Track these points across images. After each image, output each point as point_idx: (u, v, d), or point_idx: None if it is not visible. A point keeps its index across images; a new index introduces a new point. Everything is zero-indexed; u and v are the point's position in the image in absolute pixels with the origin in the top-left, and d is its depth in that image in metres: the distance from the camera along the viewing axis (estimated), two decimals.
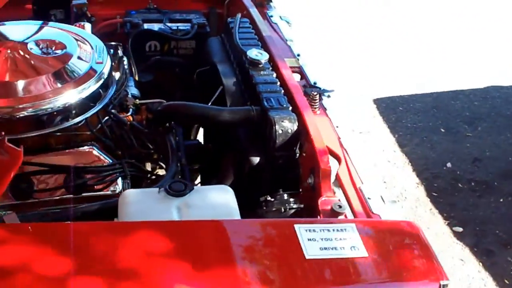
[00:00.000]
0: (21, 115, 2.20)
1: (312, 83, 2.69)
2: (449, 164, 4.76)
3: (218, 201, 2.01)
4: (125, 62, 2.85)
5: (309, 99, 2.50)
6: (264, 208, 2.19)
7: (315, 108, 2.50)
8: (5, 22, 2.70)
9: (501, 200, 4.43)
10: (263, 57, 2.60)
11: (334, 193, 2.15)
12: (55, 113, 2.25)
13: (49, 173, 2.22)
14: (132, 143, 2.42)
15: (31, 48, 2.40)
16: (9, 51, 2.37)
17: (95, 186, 2.23)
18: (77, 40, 2.52)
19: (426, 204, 4.29)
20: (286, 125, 2.28)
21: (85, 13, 3.08)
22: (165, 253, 1.63)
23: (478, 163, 4.78)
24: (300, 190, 2.26)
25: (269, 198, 2.20)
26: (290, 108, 2.37)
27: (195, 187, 2.03)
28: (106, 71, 2.44)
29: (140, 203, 1.99)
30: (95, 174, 2.23)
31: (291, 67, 2.77)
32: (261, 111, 2.36)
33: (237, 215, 1.96)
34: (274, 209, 2.17)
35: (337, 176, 2.24)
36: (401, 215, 2.02)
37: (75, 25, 2.88)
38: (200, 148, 2.68)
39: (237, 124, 2.45)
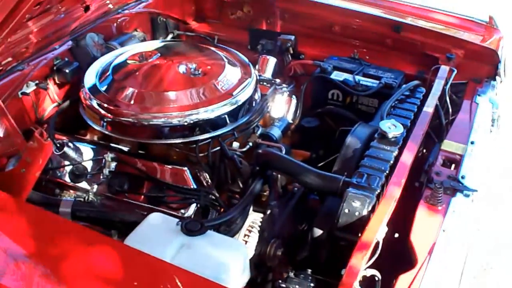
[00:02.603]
0: (146, 123, 2.44)
1: (459, 177, 2.35)
2: None
3: (219, 254, 1.94)
4: (293, 102, 2.89)
5: (432, 191, 2.22)
6: (280, 281, 2.03)
7: (438, 202, 2.19)
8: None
9: None
10: (395, 131, 2.37)
11: None
12: (176, 127, 2.45)
13: (140, 179, 2.41)
14: (226, 177, 2.45)
15: (179, 67, 2.62)
16: (157, 63, 2.65)
17: (170, 204, 2.34)
18: (229, 68, 2.65)
19: None
20: (356, 206, 2.08)
21: (288, 48, 3.18)
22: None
23: None
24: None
25: (291, 274, 2.03)
26: (378, 191, 2.13)
27: (209, 231, 2.00)
28: (241, 99, 2.54)
29: (154, 227, 2.05)
30: (175, 193, 2.34)
31: (450, 153, 2.47)
32: (348, 184, 2.17)
33: (225, 275, 1.87)
34: (284, 286, 2.00)
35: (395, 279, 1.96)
36: None
37: (261, 57, 3.02)
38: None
39: (319, 190, 2.30)
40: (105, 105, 2.48)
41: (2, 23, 1.81)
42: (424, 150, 2.75)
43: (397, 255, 2.12)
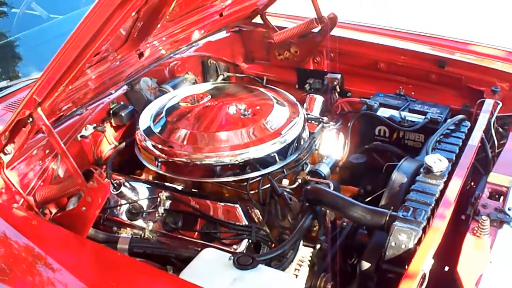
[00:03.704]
0: (199, 163, 2.56)
1: (506, 209, 2.37)
2: None
3: (269, 286, 2.02)
4: (341, 139, 2.96)
5: (478, 223, 2.25)
6: None
7: (484, 234, 2.22)
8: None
9: None
10: (440, 165, 2.41)
11: None
12: (227, 166, 2.55)
13: (193, 216, 2.51)
14: (277, 214, 2.52)
15: (230, 108, 2.74)
16: (209, 105, 2.78)
17: (223, 240, 2.43)
18: (278, 107, 2.76)
19: None
20: (402, 239, 2.12)
21: (335, 86, 3.27)
22: None
23: None
24: None
25: None
26: (423, 224, 2.17)
27: (260, 265, 2.07)
28: (289, 138, 2.63)
29: (208, 261, 2.14)
30: (227, 229, 2.44)
31: (496, 185, 2.49)
32: (394, 218, 2.22)
33: None
34: None
35: None
36: None
37: (309, 96, 3.11)
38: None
39: (366, 224, 2.35)
40: (159, 146, 2.60)
41: (64, 73, 1.95)
42: (472, 183, 2.78)
43: (444, 287, 2.16)
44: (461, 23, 7.22)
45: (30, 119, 2.07)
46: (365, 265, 2.23)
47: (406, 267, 2.05)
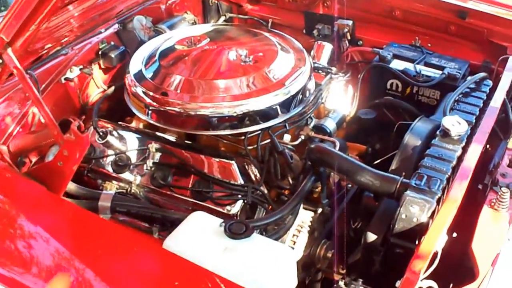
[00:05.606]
0: (193, 113, 2.33)
1: None
2: None
3: (264, 261, 1.81)
4: (350, 92, 2.74)
5: (497, 194, 2.04)
6: None
7: (502, 207, 2.02)
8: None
9: None
10: (458, 128, 2.18)
11: None
12: (225, 118, 2.34)
13: (185, 171, 2.31)
14: (276, 173, 2.32)
15: (230, 53, 2.51)
16: (207, 49, 2.56)
17: (215, 200, 2.24)
18: (282, 55, 2.53)
19: None
20: (414, 211, 1.92)
21: (345, 34, 3.04)
22: None
23: None
24: None
25: (341, 283, 1.89)
26: (438, 196, 1.96)
27: (254, 234, 1.88)
28: (293, 89, 2.41)
29: (197, 227, 1.94)
30: (221, 188, 2.25)
31: None
32: (406, 186, 2.00)
33: (270, 284, 1.74)
34: None
35: None
36: None
37: (317, 43, 2.89)
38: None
39: (375, 191, 2.14)
40: (151, 93, 2.37)
41: (35, 9, 1.71)
42: (488, 146, 2.56)
43: (457, 265, 1.97)
44: None
45: (0, 61, 1.84)
46: (371, 237, 2.03)
47: (417, 242, 1.87)
